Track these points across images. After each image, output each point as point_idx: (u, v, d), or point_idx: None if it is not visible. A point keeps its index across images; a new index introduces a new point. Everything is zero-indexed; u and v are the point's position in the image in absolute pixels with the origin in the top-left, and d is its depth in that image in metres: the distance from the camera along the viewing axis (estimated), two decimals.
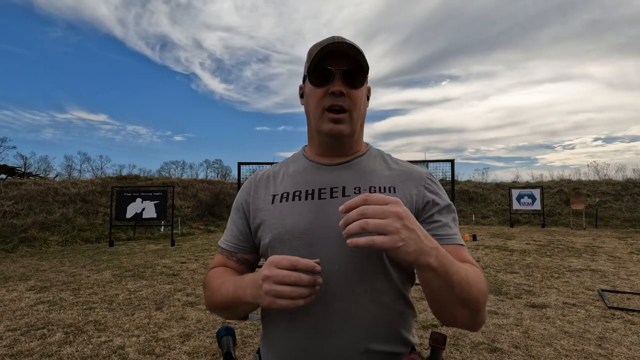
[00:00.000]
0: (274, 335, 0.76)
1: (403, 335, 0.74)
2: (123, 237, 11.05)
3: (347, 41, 0.73)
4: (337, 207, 0.68)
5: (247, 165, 4.13)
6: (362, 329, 0.69)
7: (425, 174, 0.81)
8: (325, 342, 0.69)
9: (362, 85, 0.77)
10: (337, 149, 0.81)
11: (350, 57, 0.74)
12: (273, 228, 0.76)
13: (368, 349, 0.69)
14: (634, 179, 17.14)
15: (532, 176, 24.73)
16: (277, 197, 0.80)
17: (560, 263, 6.69)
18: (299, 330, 0.71)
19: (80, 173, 41.45)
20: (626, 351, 3.00)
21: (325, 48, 0.72)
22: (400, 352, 0.72)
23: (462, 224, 15.11)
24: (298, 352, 0.71)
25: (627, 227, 13.07)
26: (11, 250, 8.90)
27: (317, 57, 0.73)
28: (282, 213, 0.77)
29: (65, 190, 12.53)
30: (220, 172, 49.64)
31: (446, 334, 0.69)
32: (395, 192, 0.76)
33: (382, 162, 0.84)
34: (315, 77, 0.75)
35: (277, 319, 0.75)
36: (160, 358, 3.00)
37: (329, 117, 0.75)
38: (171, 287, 5.25)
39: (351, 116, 0.76)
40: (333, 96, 0.74)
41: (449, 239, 0.73)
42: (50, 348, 3.17)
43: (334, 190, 0.76)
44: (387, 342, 0.71)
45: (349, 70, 0.74)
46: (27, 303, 4.52)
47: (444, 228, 0.74)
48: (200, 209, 14.52)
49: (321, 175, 0.80)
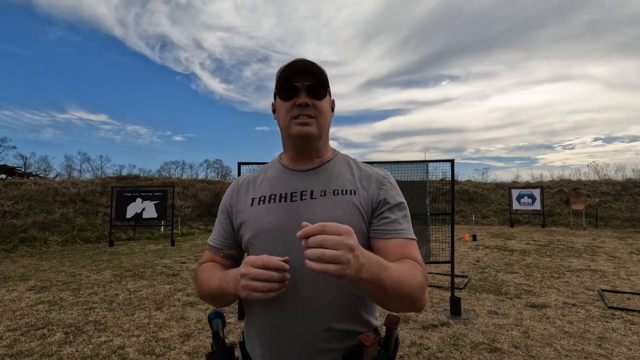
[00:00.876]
0: (253, 318, 0.89)
1: (364, 317, 0.86)
2: (123, 237, 11.05)
3: (310, 61, 0.86)
4: (306, 208, 0.86)
5: (247, 165, 4.12)
6: (326, 311, 0.81)
7: (381, 177, 0.92)
8: (294, 322, 0.81)
9: (324, 97, 0.89)
10: (307, 151, 0.92)
11: (312, 74, 0.86)
12: (252, 227, 0.88)
13: (330, 328, 0.81)
14: (634, 179, 17.14)
15: (532, 176, 24.74)
16: (256, 200, 0.92)
17: (560, 263, 6.69)
18: (272, 313, 0.83)
19: (80, 173, 41.48)
20: (626, 351, 3.00)
21: (290, 67, 0.85)
22: (360, 331, 0.83)
23: (462, 224, 15.12)
24: (272, 331, 0.84)
25: (627, 227, 13.07)
26: (11, 250, 8.90)
27: (283, 75, 0.86)
28: (259, 214, 0.89)
29: (65, 190, 12.52)
30: (220, 172, 49.73)
31: (399, 316, 0.80)
32: (355, 194, 0.88)
33: (347, 167, 0.95)
34: (283, 92, 0.88)
35: (255, 305, 0.87)
36: (160, 358, 3.00)
37: (297, 122, 0.87)
38: (171, 287, 5.25)
39: (317, 121, 0.88)
40: (299, 107, 0.86)
41: (396, 234, 0.85)
42: (50, 348, 3.17)
43: (303, 194, 0.88)
44: (348, 322, 0.83)
45: (312, 85, 0.86)
46: (27, 303, 4.53)
47: (393, 224, 0.85)
48: (200, 209, 14.52)
49: (293, 180, 0.92)
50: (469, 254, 7.82)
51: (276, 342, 0.83)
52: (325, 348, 0.81)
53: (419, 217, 3.99)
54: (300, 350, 0.81)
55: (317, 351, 0.81)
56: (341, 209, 0.85)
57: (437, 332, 3.46)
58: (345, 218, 0.83)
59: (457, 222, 15.01)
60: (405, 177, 4.04)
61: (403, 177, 4.03)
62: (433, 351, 3.05)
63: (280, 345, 0.83)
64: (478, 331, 3.46)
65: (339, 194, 0.87)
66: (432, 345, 3.17)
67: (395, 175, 4.03)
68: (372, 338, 0.78)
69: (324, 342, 0.81)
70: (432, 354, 3.00)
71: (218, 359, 0.85)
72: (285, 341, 0.82)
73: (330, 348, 0.81)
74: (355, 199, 0.87)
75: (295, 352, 0.81)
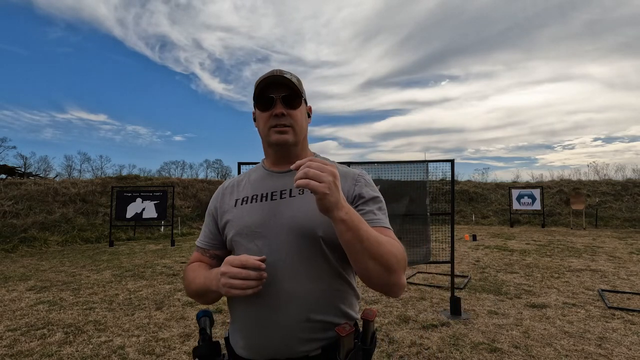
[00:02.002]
0: (235, 313, 0.93)
1: (342, 309, 0.89)
2: (123, 237, 11.05)
3: (284, 73, 0.93)
4: (285, 205, 0.91)
5: (247, 165, 4.12)
6: (304, 303, 0.85)
7: (356, 174, 0.97)
8: (274, 314, 0.85)
9: (299, 105, 0.95)
10: (286, 157, 0.98)
11: (287, 85, 0.93)
12: (235, 225, 0.94)
13: (309, 318, 0.85)
14: (634, 179, 17.14)
15: (532, 176, 24.76)
16: (239, 201, 0.98)
17: (560, 263, 6.69)
18: (254, 306, 0.87)
19: (80, 173, 41.41)
20: (626, 351, 3.00)
21: (266, 80, 0.91)
22: (337, 322, 0.87)
23: (462, 224, 15.12)
24: (253, 324, 0.88)
25: (627, 227, 13.07)
26: (11, 250, 8.90)
27: (259, 88, 0.92)
28: (242, 213, 0.95)
29: (65, 190, 12.52)
30: (220, 172, 49.65)
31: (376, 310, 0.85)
32: None
33: None
34: (261, 103, 0.94)
35: (237, 300, 0.91)
36: (160, 358, 3.00)
37: (275, 130, 0.93)
38: (171, 287, 5.25)
39: (294, 129, 0.94)
40: (276, 117, 0.92)
41: (371, 223, 0.86)
42: (50, 348, 3.17)
43: (283, 193, 0.94)
44: (325, 313, 0.86)
45: (287, 96, 0.93)
46: (27, 303, 4.53)
47: (368, 214, 0.88)
48: (200, 209, 14.52)
49: (273, 181, 0.98)
50: (469, 254, 7.82)
51: (258, 334, 0.86)
52: (304, 338, 0.84)
53: (419, 217, 3.99)
54: (281, 340, 0.85)
55: (297, 341, 0.84)
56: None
57: (437, 332, 3.46)
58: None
59: (457, 222, 15.01)
60: (405, 177, 4.04)
61: (403, 177, 4.03)
62: (433, 351, 3.05)
63: (261, 336, 0.86)
64: (478, 331, 3.46)
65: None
66: (432, 345, 3.17)
67: (395, 175, 4.03)
68: (348, 329, 0.80)
69: (303, 332, 0.84)
70: (432, 354, 3.00)
71: (203, 352, 0.91)
72: (267, 332, 0.86)
73: (309, 338, 0.85)
74: None
75: (276, 343, 0.85)
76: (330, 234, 0.85)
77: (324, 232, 0.86)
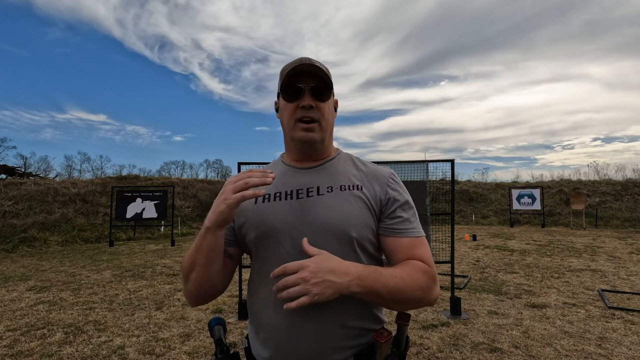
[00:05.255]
0: (260, 321, 0.85)
1: (374, 314, 0.86)
2: (123, 237, 11.05)
3: (314, 62, 0.86)
4: (313, 204, 0.85)
5: (247, 165, 4.13)
6: (339, 308, 0.80)
7: (388, 174, 0.92)
8: (308, 321, 0.79)
9: (328, 98, 0.89)
10: (310, 154, 0.93)
11: (317, 75, 0.86)
12: (256, 225, 0.86)
13: (345, 325, 0.81)
14: (634, 179, 17.14)
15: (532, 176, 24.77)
16: (259, 199, 0.89)
17: (560, 263, 6.69)
18: (284, 313, 0.79)
19: (80, 173, 41.42)
20: (626, 351, 3.00)
21: (295, 69, 0.84)
22: (372, 327, 0.84)
23: (462, 224, 15.12)
24: (283, 331, 0.81)
25: (627, 227, 13.06)
26: (11, 250, 8.90)
27: (288, 77, 0.85)
28: (264, 212, 0.87)
29: (65, 190, 12.52)
30: (220, 172, 49.69)
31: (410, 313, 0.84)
32: (362, 190, 0.88)
33: (351, 164, 0.95)
34: (287, 93, 0.87)
35: (263, 304, 0.85)
36: (160, 358, 3.00)
37: (301, 126, 0.87)
38: (171, 287, 5.25)
39: (320, 125, 0.88)
40: (303, 109, 0.85)
41: (407, 232, 0.86)
42: (50, 348, 3.17)
43: (309, 190, 0.87)
44: (360, 319, 0.83)
45: (316, 87, 0.86)
46: (27, 303, 4.52)
47: (404, 222, 0.87)
48: (200, 209, 14.52)
49: (298, 177, 0.91)
50: (469, 254, 7.82)
51: (288, 343, 0.80)
52: (338, 346, 0.80)
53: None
54: (314, 349, 0.79)
55: (331, 349, 0.80)
56: (349, 204, 0.84)
57: (437, 332, 3.46)
58: (353, 212, 0.84)
59: (457, 222, 15.00)
60: (405, 177, 4.04)
61: (403, 177, 4.03)
62: (433, 351, 3.05)
63: (292, 345, 0.80)
64: (478, 331, 3.46)
65: (346, 189, 0.87)
66: (432, 345, 3.16)
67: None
68: (386, 335, 0.77)
69: (337, 339, 0.80)
70: (432, 354, 3.00)
71: None
72: (298, 341, 0.80)
73: (343, 346, 0.81)
74: (362, 194, 0.87)
75: (309, 352, 0.79)
76: (362, 234, 0.83)
77: (357, 233, 0.82)
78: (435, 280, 0.82)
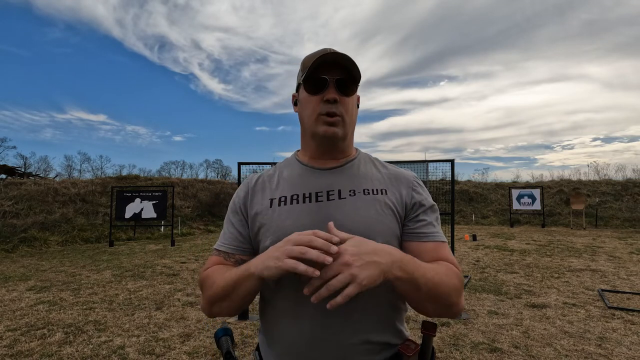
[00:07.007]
0: (277, 334, 0.79)
1: (397, 327, 0.81)
2: (123, 237, 11.04)
3: (340, 52, 0.79)
4: (335, 208, 0.79)
5: (247, 165, 4.13)
6: (362, 322, 0.75)
7: (412, 178, 0.88)
8: (328, 335, 0.74)
9: (353, 93, 0.83)
10: (331, 152, 0.86)
11: (343, 67, 0.80)
12: (273, 231, 0.79)
13: (368, 340, 0.75)
14: (634, 179, 17.14)
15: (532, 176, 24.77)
16: (275, 201, 0.83)
17: (560, 263, 6.69)
18: (302, 325, 0.75)
19: (80, 173, 41.46)
20: (626, 351, 3.00)
21: (320, 58, 0.78)
22: (395, 342, 0.79)
23: (462, 224, 15.11)
24: (302, 344, 0.75)
25: (627, 227, 13.06)
26: (11, 250, 8.90)
27: (312, 67, 0.78)
28: (281, 216, 0.80)
29: (65, 190, 12.51)
30: (220, 172, 49.73)
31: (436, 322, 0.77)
32: (386, 194, 0.83)
33: (372, 166, 0.90)
34: (310, 85, 0.81)
35: (280, 315, 0.79)
36: (160, 358, 3.00)
37: (324, 120, 0.80)
38: (171, 287, 5.25)
39: (344, 121, 0.82)
40: (327, 103, 0.79)
41: (432, 237, 0.82)
42: (50, 348, 3.17)
43: (330, 193, 0.82)
44: (384, 333, 0.78)
45: (342, 79, 0.80)
46: (27, 303, 4.52)
47: (428, 226, 0.82)
48: (200, 209, 14.52)
49: (317, 179, 0.85)
50: (469, 254, 7.82)
51: (307, 356, 0.75)
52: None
53: None
54: None
55: None
56: (374, 210, 0.80)
57: (437, 332, 3.46)
58: (378, 219, 0.79)
59: (457, 222, 15.00)
60: None
61: None
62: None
63: (311, 358, 0.75)
64: (478, 331, 3.46)
65: (369, 194, 0.82)
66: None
67: None
68: (413, 348, 0.75)
69: (360, 354, 0.75)
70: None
71: None
72: (318, 354, 0.74)
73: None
74: (387, 199, 0.82)
75: None
76: (389, 242, 0.77)
77: (384, 240, 0.75)
78: (462, 287, 0.78)
